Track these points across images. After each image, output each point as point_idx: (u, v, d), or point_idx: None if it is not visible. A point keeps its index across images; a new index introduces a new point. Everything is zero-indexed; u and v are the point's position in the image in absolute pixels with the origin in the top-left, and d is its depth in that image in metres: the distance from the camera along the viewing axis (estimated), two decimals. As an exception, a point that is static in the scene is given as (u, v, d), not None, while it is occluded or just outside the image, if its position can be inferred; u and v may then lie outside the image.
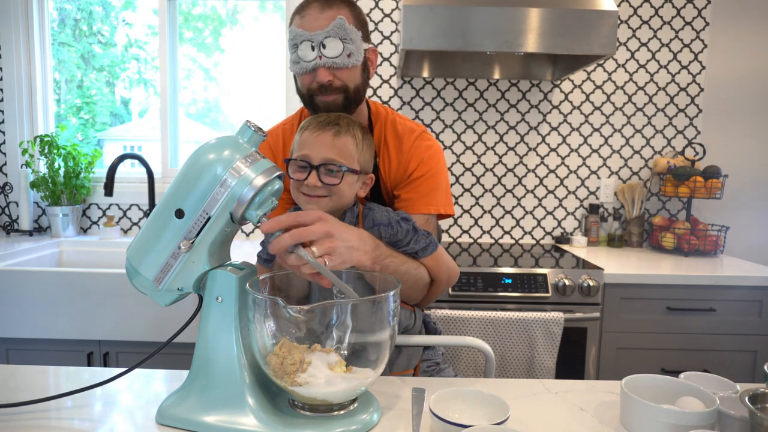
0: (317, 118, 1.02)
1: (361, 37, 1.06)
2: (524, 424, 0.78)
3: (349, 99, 1.08)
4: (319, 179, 0.97)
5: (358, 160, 1.01)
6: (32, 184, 2.33)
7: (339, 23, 1.02)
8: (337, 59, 1.03)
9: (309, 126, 1.01)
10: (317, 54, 1.03)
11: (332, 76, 1.05)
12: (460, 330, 1.73)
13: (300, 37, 1.03)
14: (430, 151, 1.15)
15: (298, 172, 0.99)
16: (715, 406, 0.71)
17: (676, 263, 2.05)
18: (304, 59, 1.04)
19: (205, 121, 2.72)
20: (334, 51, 1.03)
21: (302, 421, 0.74)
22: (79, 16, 2.60)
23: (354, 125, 1.03)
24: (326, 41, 1.02)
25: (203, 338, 0.76)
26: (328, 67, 1.04)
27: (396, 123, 1.18)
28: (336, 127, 0.99)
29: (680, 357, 1.88)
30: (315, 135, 0.98)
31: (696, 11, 2.38)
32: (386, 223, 1.01)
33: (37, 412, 0.78)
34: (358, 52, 1.06)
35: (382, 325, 0.75)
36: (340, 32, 1.02)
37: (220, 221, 0.74)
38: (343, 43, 1.03)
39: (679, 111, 2.43)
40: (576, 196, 2.47)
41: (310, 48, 1.03)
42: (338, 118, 1.02)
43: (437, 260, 1.07)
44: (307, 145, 0.99)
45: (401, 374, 1.08)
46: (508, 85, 2.42)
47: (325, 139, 0.98)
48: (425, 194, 1.13)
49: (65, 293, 1.72)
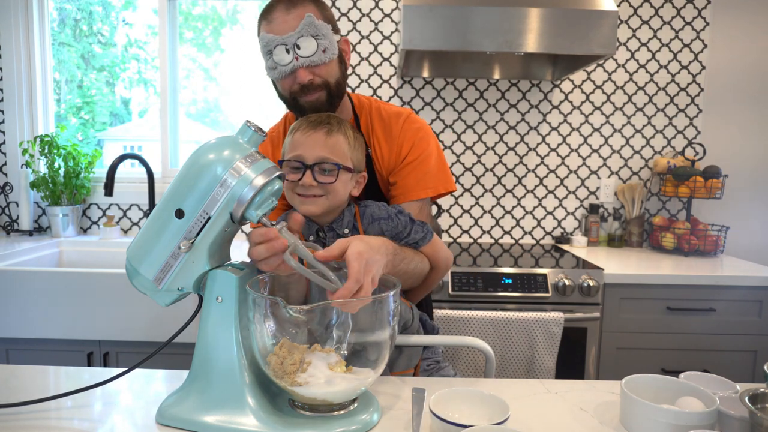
0: (308, 118, 1.02)
1: (331, 30, 1.05)
2: (524, 424, 0.78)
3: (332, 94, 1.08)
4: (314, 178, 0.97)
5: (351, 159, 1.01)
6: (32, 184, 2.33)
7: (308, 21, 1.01)
8: (313, 57, 1.03)
9: (300, 127, 1.01)
10: (293, 56, 1.03)
11: (312, 75, 1.05)
12: (460, 330, 1.73)
13: (273, 42, 1.03)
14: (421, 133, 1.15)
15: (292, 173, 0.98)
16: (715, 406, 0.71)
17: (676, 263, 2.05)
18: (281, 63, 1.03)
19: (205, 121, 2.72)
20: (309, 50, 1.02)
21: (302, 421, 0.74)
22: (79, 16, 2.60)
23: (345, 124, 1.03)
24: (299, 41, 1.02)
25: (203, 338, 0.76)
26: (306, 67, 1.04)
27: (381, 110, 1.18)
28: (327, 126, 1.00)
29: (680, 357, 1.88)
30: (307, 135, 0.98)
31: (696, 11, 2.38)
32: (386, 216, 1.02)
33: (37, 412, 0.78)
34: (332, 46, 1.05)
35: (382, 325, 0.75)
36: (311, 30, 1.02)
37: (220, 221, 0.74)
38: (317, 40, 1.02)
39: (679, 111, 2.43)
40: (576, 196, 2.47)
41: (285, 51, 1.02)
42: (329, 118, 1.02)
43: (435, 247, 1.08)
44: (299, 145, 0.98)
45: (402, 374, 1.08)
46: (508, 85, 2.42)
47: (318, 138, 0.98)
48: (420, 179, 1.13)
49: (65, 293, 1.72)
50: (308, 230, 1.04)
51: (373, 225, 1.02)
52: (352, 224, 1.04)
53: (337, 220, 1.03)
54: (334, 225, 1.03)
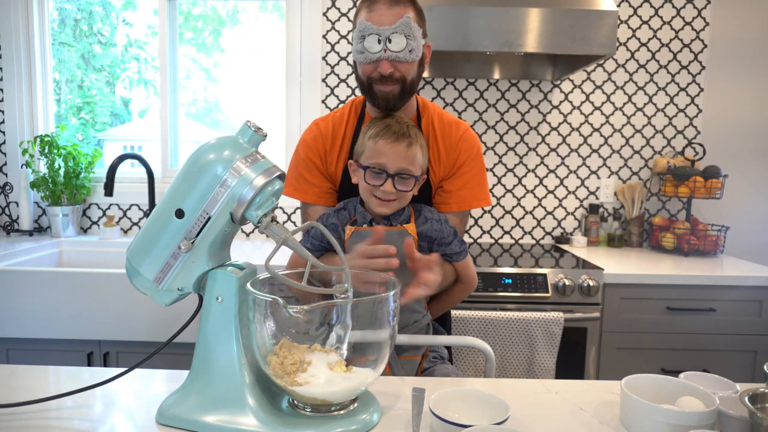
0: (390, 128, 1.09)
1: (421, 35, 1.14)
2: (524, 424, 0.78)
3: (405, 90, 1.16)
4: (393, 186, 1.07)
5: (422, 167, 1.12)
6: (32, 184, 2.33)
7: (406, 21, 1.09)
8: (400, 54, 1.11)
9: (383, 135, 1.09)
10: (383, 47, 1.10)
11: (393, 69, 1.12)
12: (460, 330, 1.73)
13: (368, 29, 1.10)
14: (476, 148, 1.25)
15: (374, 179, 1.08)
16: (715, 406, 0.71)
17: (676, 263, 2.05)
18: (370, 50, 1.11)
19: (205, 121, 2.72)
20: (399, 46, 1.10)
21: (302, 421, 0.74)
22: (79, 16, 2.60)
23: (420, 135, 1.13)
24: (392, 36, 1.10)
25: (203, 338, 0.76)
26: (390, 60, 1.12)
27: (442, 115, 1.28)
28: (408, 138, 1.09)
29: (680, 357, 1.88)
30: (391, 146, 1.07)
31: (696, 11, 2.38)
32: (437, 219, 1.14)
33: (37, 412, 0.78)
34: (418, 48, 1.13)
35: (382, 325, 0.75)
36: (406, 29, 1.10)
37: (220, 221, 0.74)
38: (407, 40, 1.10)
39: (679, 111, 2.43)
40: (576, 196, 2.47)
41: (377, 41, 1.10)
42: (409, 129, 1.10)
43: (467, 264, 1.20)
44: (382, 154, 1.08)
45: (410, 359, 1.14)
46: (508, 85, 2.42)
47: (400, 150, 1.07)
48: (472, 192, 1.24)
49: (65, 293, 1.72)
50: (363, 218, 1.14)
51: (426, 225, 1.13)
52: (406, 219, 1.14)
53: (396, 214, 1.13)
54: (391, 217, 1.13)
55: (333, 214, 1.16)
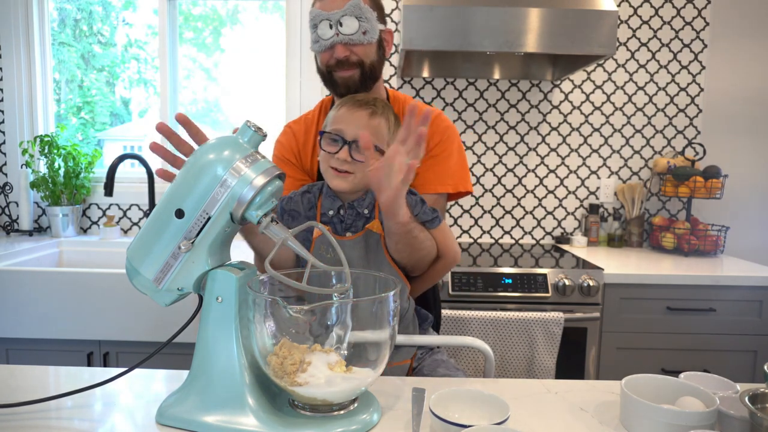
0: (354, 97, 1.08)
1: (376, 18, 1.14)
2: (524, 424, 0.78)
3: (365, 74, 1.15)
4: (349, 154, 1.01)
5: (387, 143, 1.04)
6: (32, 184, 2.33)
7: (355, 3, 1.10)
8: (353, 36, 1.11)
9: (346, 103, 1.06)
10: (334, 32, 1.11)
11: (348, 52, 1.12)
12: (460, 330, 1.73)
13: (319, 17, 1.11)
14: (449, 132, 1.21)
15: (330, 145, 1.03)
16: (715, 406, 0.71)
17: (676, 263, 2.05)
18: (323, 37, 1.12)
19: (205, 121, 2.72)
20: (350, 29, 1.11)
21: (302, 421, 0.74)
22: (79, 16, 2.60)
23: (389, 110, 1.08)
24: (343, 20, 1.10)
25: (203, 338, 0.76)
26: (344, 44, 1.12)
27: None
28: (372, 107, 1.05)
29: (680, 357, 1.88)
30: (351, 112, 1.04)
31: (696, 11, 2.38)
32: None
33: (37, 412, 0.78)
34: (373, 30, 1.13)
35: (382, 325, 0.75)
36: (356, 11, 1.10)
37: (220, 221, 0.74)
38: (359, 21, 1.11)
39: (679, 111, 2.43)
40: (576, 196, 2.47)
41: (328, 26, 1.11)
42: (375, 101, 1.07)
43: (444, 234, 1.11)
44: (342, 120, 1.03)
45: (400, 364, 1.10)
46: (508, 85, 2.42)
47: (361, 117, 1.03)
48: (439, 174, 1.18)
49: (65, 293, 1.72)
50: (331, 205, 1.08)
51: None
52: (372, 205, 1.07)
53: (359, 200, 1.07)
54: (355, 203, 1.07)
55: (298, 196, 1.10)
